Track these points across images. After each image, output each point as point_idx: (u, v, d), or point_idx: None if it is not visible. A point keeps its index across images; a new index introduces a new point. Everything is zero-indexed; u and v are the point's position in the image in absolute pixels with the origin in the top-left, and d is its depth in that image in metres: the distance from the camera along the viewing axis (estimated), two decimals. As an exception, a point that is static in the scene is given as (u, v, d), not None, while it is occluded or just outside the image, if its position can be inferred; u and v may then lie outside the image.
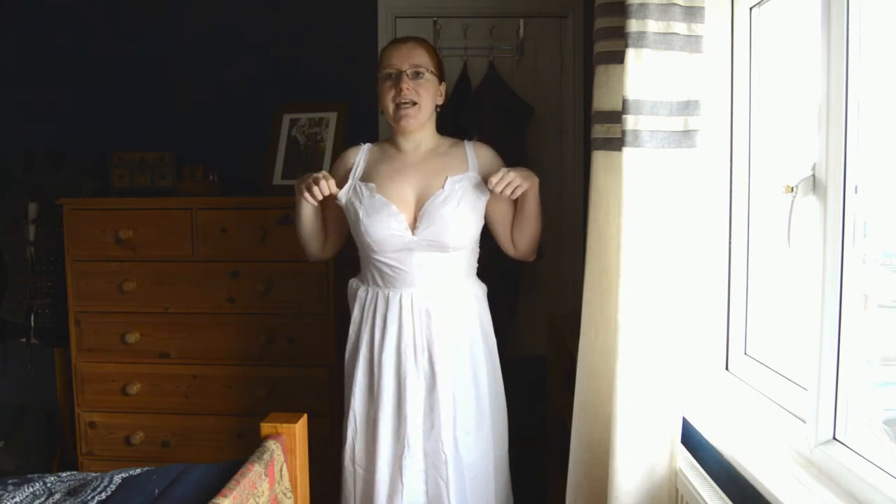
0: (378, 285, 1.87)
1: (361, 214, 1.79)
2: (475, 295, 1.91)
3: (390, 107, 1.83)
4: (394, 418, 1.84)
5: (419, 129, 1.87)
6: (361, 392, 1.89)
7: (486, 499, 1.89)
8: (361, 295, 1.90)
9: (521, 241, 1.91)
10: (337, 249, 2.01)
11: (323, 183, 1.79)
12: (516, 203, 1.87)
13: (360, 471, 1.89)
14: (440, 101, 1.91)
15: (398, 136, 1.91)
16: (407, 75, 1.81)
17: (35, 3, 2.95)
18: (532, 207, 1.85)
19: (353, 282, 1.97)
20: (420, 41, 1.90)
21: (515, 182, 1.75)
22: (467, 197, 1.81)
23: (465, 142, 1.94)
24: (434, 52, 1.91)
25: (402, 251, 1.81)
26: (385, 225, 1.78)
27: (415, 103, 1.82)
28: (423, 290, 1.83)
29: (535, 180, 1.81)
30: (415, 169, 1.84)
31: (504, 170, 1.78)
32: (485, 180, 1.81)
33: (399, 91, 1.81)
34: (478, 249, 1.94)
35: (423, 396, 1.83)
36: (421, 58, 1.84)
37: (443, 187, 1.80)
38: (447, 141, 1.94)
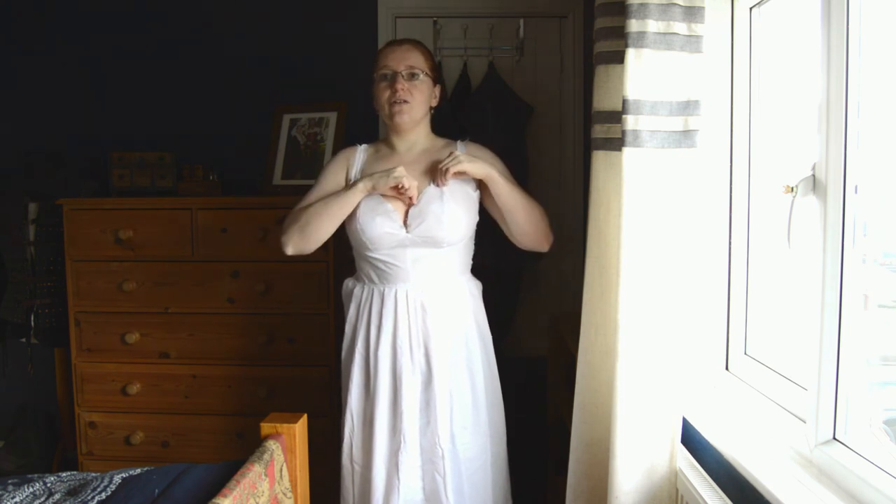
0: (374, 282, 1.88)
1: (359, 213, 1.81)
2: (470, 291, 1.93)
3: (385, 106, 1.87)
4: (390, 414, 1.85)
5: (413, 128, 1.90)
6: (358, 389, 1.90)
7: (484, 495, 1.90)
8: (357, 293, 1.92)
9: (515, 231, 1.89)
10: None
11: (415, 185, 1.79)
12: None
13: (357, 468, 1.90)
14: (434, 102, 1.95)
15: (393, 136, 1.94)
16: (402, 76, 1.85)
17: (35, 3, 2.95)
18: (505, 198, 1.83)
19: (348, 281, 1.99)
20: (416, 43, 1.93)
21: (455, 161, 1.77)
22: (456, 194, 1.83)
23: (458, 142, 1.96)
24: (429, 55, 1.94)
25: (396, 248, 1.83)
26: (380, 223, 1.80)
27: (408, 102, 1.85)
28: (417, 285, 1.84)
29: (482, 166, 1.80)
30: (409, 168, 1.85)
31: (455, 153, 1.80)
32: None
33: (394, 91, 1.84)
34: (472, 246, 1.96)
35: (419, 392, 1.84)
36: (416, 59, 1.88)
37: (430, 184, 1.83)
38: (441, 141, 1.97)
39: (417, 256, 1.83)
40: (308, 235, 1.83)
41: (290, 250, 1.85)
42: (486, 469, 1.91)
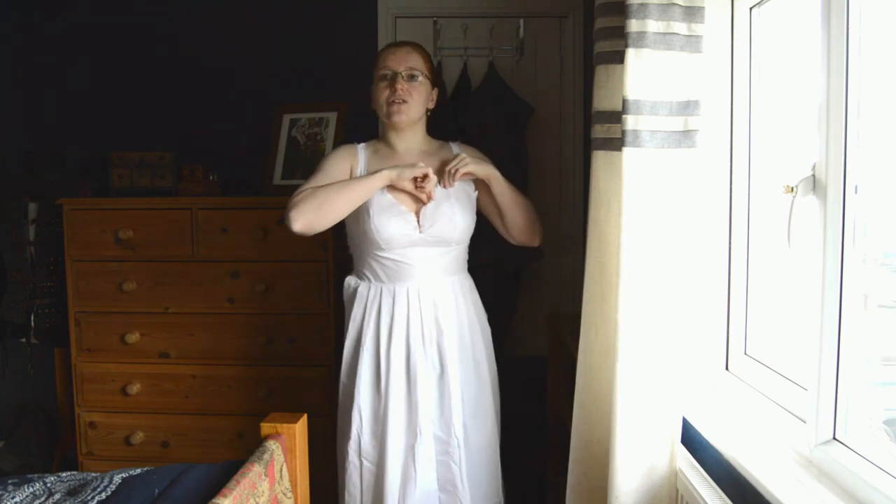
0: (381, 280, 1.90)
1: (372, 213, 1.83)
2: (470, 286, 2.00)
3: (384, 105, 1.89)
4: (405, 409, 1.87)
5: (410, 126, 1.93)
6: (367, 387, 1.91)
7: (495, 480, 1.97)
8: (363, 291, 1.93)
9: (510, 227, 1.97)
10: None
11: (435, 180, 1.84)
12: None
13: (367, 464, 1.91)
14: (431, 105, 1.98)
15: (393, 137, 1.96)
16: (402, 77, 1.88)
17: (34, 3, 2.95)
18: (503, 196, 1.91)
19: (350, 279, 1.99)
20: (416, 46, 1.96)
21: (463, 162, 1.84)
22: (458, 193, 1.90)
23: (451, 143, 2.02)
24: (429, 58, 1.98)
25: (407, 247, 1.86)
26: (394, 224, 1.83)
27: (406, 102, 1.88)
28: (425, 282, 1.88)
29: (486, 167, 1.89)
30: None
31: (461, 155, 1.88)
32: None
33: (394, 91, 1.87)
34: (468, 244, 2.01)
35: (434, 385, 1.88)
36: (416, 61, 1.91)
37: (437, 185, 1.87)
38: (436, 143, 2.03)
39: (426, 255, 1.88)
40: (325, 213, 1.78)
41: (298, 226, 1.76)
42: (496, 454, 1.97)
